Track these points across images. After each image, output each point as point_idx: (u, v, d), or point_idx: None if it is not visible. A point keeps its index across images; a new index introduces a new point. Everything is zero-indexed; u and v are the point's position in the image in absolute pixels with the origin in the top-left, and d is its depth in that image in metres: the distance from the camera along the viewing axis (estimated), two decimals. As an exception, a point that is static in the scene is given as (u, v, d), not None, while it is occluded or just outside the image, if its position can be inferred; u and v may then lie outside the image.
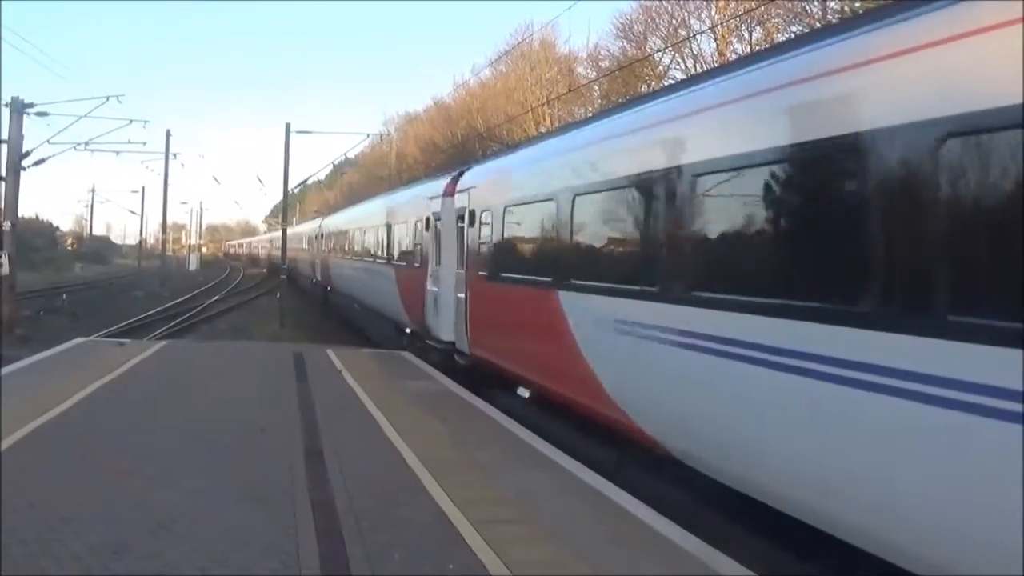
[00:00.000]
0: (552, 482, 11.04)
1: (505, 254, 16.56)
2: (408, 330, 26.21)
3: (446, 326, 20.71)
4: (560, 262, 13.43)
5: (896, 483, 6.37)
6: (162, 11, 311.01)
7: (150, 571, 7.55)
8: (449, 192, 21.39)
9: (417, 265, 24.28)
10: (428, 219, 23.09)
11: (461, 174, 21.53)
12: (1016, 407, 5.37)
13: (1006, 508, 5.43)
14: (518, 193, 16.10)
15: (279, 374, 19.66)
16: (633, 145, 11.43)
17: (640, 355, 10.55)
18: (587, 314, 12.28)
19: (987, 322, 5.70)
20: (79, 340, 24.83)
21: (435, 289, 21.94)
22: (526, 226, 15.67)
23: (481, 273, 17.86)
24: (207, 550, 8.05)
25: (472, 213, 18.75)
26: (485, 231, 17.70)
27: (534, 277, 14.59)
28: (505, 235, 16.52)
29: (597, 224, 12.49)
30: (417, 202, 25.39)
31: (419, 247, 24.47)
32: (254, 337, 34.96)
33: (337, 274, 44.11)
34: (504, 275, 16.33)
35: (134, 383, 17.64)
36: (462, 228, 19.86)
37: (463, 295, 19.25)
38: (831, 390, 6.93)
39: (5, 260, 32.70)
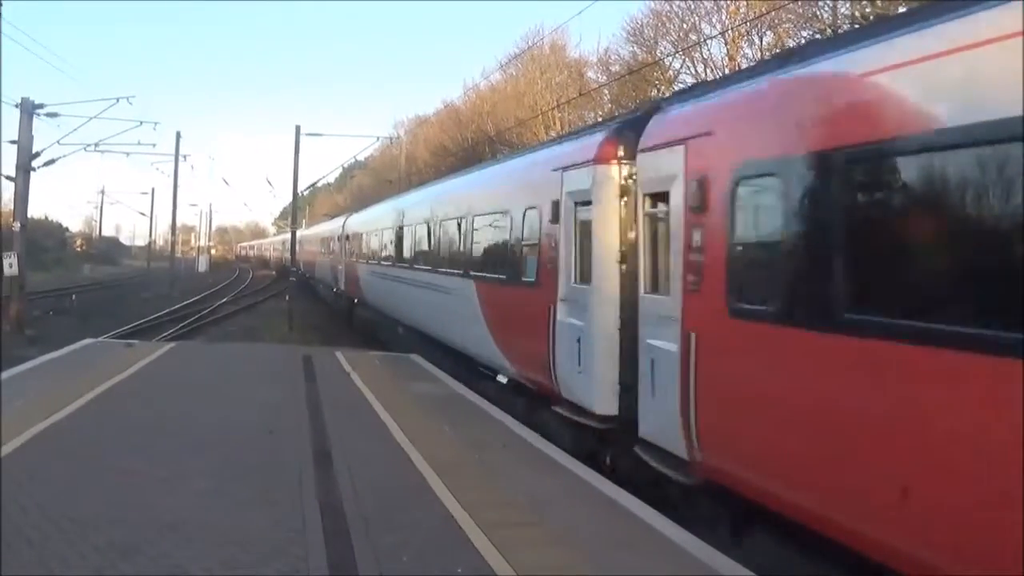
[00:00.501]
0: (560, 486, 11.04)
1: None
2: (505, 379, 17.82)
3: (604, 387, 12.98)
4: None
5: None
6: (172, 13, 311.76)
7: (158, 572, 7.55)
8: (606, 157, 13.28)
9: (529, 280, 16.00)
10: (556, 203, 14.75)
11: (638, 122, 12.85)
12: None
13: None
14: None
15: (288, 376, 19.64)
16: None
17: None
18: None
19: None
20: (88, 341, 24.86)
21: (576, 322, 13.75)
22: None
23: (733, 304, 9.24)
24: (215, 552, 8.05)
25: (702, 182, 9.90)
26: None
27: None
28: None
29: None
30: (530, 179, 16.98)
31: (534, 250, 15.98)
32: (263, 339, 34.92)
33: (370, 286, 34.80)
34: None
35: (143, 384, 17.64)
36: (657, 215, 11.81)
37: (675, 345, 10.41)
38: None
39: (14, 260, 32.75)
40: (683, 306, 10.26)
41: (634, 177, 12.61)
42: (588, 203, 13.60)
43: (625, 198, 12.94)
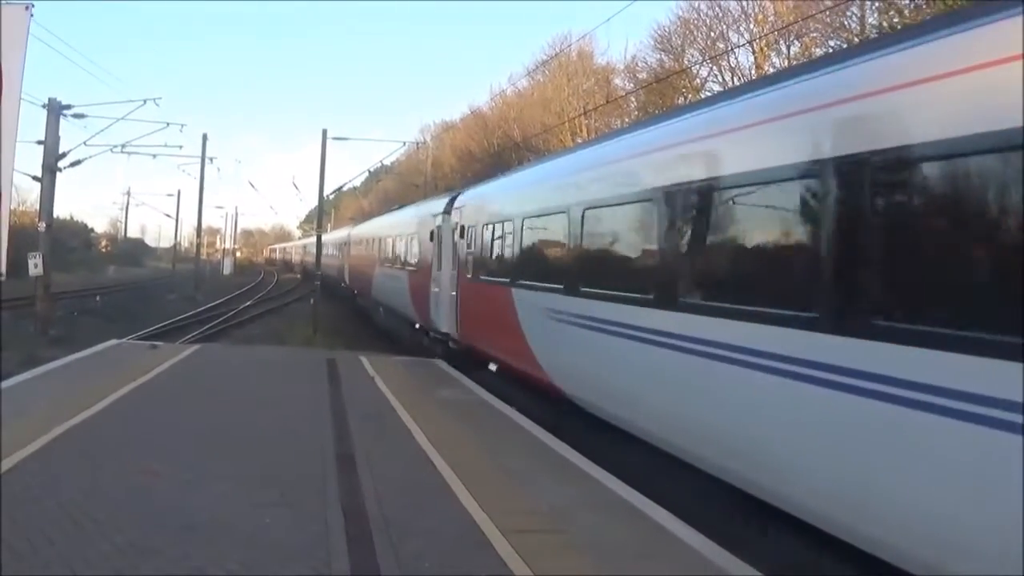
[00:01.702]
0: (584, 493, 10.97)
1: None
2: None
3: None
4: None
5: None
6: (201, 15, 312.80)
7: (179, 574, 7.53)
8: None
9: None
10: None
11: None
12: None
13: None
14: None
15: (312, 379, 19.67)
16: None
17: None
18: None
19: None
20: (113, 342, 24.98)
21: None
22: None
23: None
24: (237, 554, 8.03)
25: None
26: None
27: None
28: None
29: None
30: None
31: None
32: (287, 342, 34.98)
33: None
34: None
35: (167, 386, 17.70)
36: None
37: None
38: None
39: (40, 260, 32.91)
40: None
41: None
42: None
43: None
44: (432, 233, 27.33)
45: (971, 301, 6.43)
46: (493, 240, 20.14)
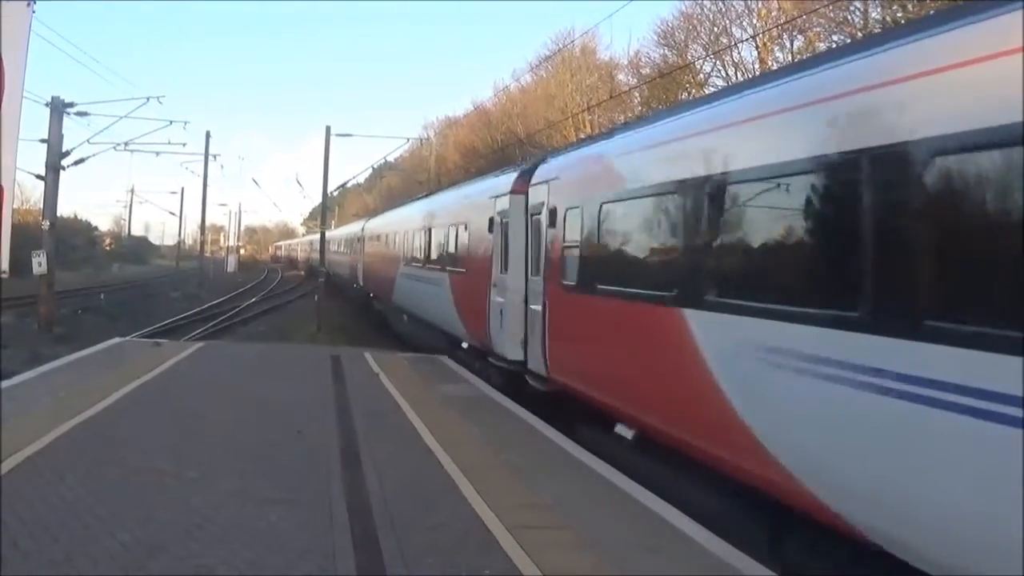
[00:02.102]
0: (589, 488, 10.97)
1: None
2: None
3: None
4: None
5: None
6: (204, 13, 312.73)
7: (185, 572, 7.53)
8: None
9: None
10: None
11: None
12: None
13: None
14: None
15: (316, 376, 19.68)
16: None
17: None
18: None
19: None
20: (116, 340, 24.99)
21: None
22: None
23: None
24: (243, 552, 8.03)
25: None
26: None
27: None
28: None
29: None
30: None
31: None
32: (291, 339, 34.98)
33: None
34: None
35: (171, 384, 17.71)
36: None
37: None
38: None
39: (44, 259, 32.89)
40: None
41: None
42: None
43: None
44: (492, 222, 20.06)
45: None
46: (627, 227, 12.98)
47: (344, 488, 10.48)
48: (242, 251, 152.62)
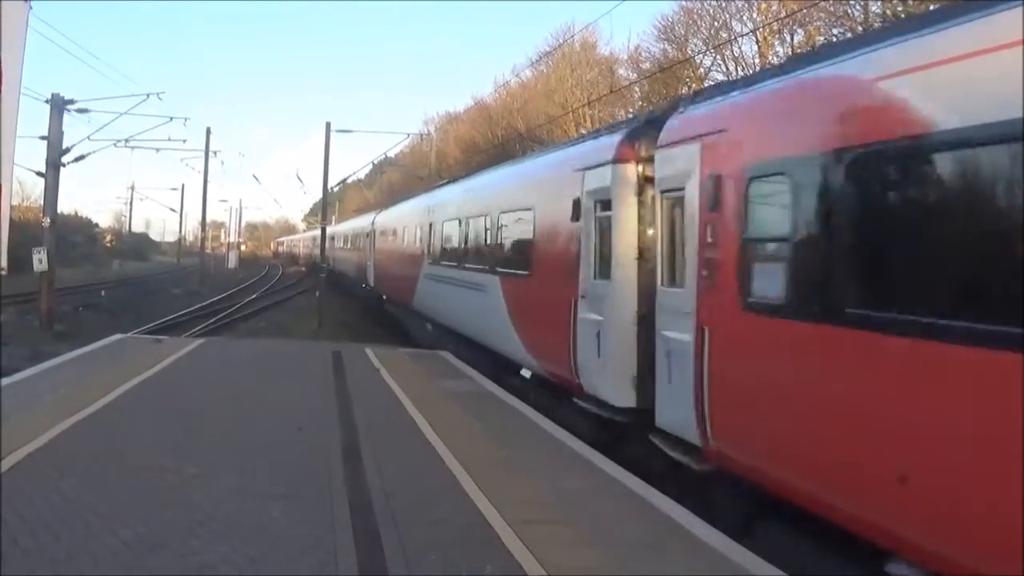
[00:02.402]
0: (591, 484, 10.96)
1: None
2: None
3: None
4: None
5: None
6: (204, 9, 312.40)
7: (187, 568, 7.51)
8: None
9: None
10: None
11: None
12: None
13: None
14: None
15: (317, 372, 19.64)
16: None
17: None
18: None
19: None
20: (117, 336, 24.96)
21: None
22: None
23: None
24: (245, 549, 8.02)
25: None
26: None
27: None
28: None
29: None
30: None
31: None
32: (292, 335, 34.95)
33: None
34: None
35: (172, 380, 17.69)
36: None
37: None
38: None
39: (44, 256, 32.87)
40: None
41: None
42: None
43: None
44: (578, 205, 14.83)
45: None
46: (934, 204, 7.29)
47: (345, 484, 10.46)
48: (243, 247, 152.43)
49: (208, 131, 65.91)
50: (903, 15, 31.17)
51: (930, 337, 6.74)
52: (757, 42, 44.76)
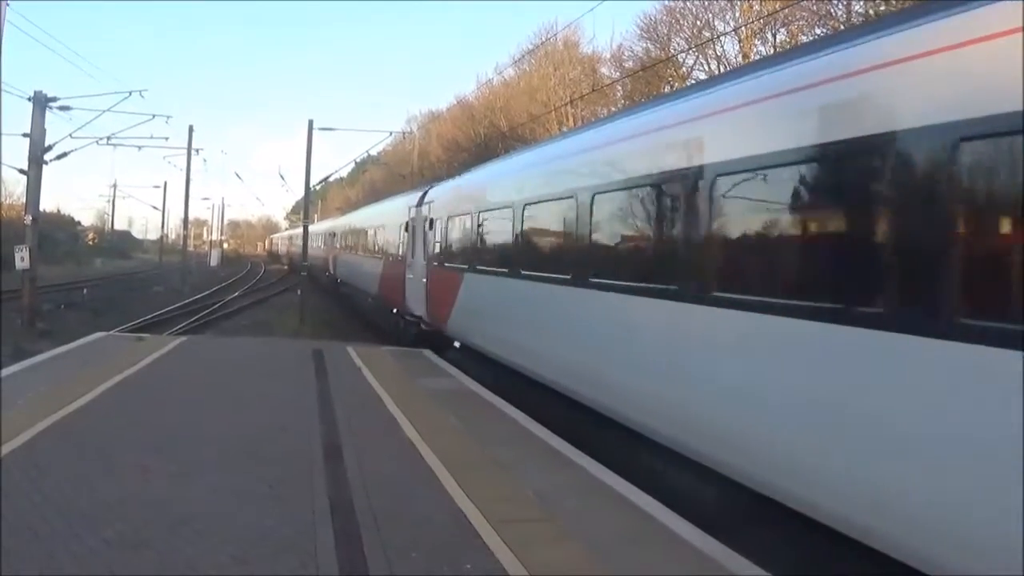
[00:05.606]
0: (572, 482, 10.99)
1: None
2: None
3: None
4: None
5: None
6: (186, 8, 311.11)
7: (169, 568, 7.52)
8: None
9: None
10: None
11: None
12: None
13: None
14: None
15: (299, 371, 19.64)
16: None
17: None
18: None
19: None
20: (99, 334, 24.90)
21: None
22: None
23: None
24: (226, 548, 8.02)
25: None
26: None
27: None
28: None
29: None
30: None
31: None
32: (274, 333, 34.90)
33: None
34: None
35: (154, 378, 17.65)
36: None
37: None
38: None
39: (26, 254, 32.79)
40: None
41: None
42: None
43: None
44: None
45: None
46: None
47: (326, 482, 10.47)
48: (226, 245, 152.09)
49: (191, 129, 65.93)
50: (884, 13, 31.25)
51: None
52: (739, 41, 44.93)
